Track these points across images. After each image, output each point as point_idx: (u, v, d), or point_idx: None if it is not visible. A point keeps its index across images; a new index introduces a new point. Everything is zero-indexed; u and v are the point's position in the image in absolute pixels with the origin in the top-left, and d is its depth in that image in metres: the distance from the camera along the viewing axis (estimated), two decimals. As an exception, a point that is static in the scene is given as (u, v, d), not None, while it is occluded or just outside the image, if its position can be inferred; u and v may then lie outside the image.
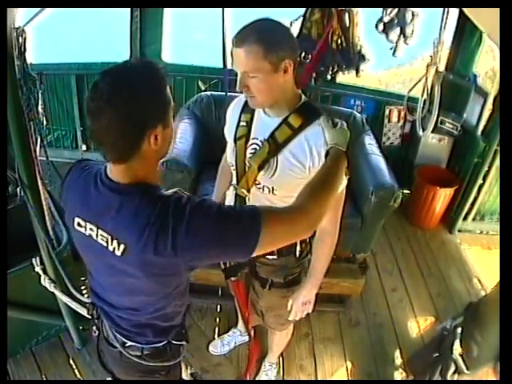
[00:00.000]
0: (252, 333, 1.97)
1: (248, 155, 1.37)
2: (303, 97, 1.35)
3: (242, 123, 1.39)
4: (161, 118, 0.94)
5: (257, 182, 1.37)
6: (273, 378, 2.20)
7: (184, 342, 1.29)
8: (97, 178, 1.03)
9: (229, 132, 1.45)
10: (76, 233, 1.07)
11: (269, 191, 1.37)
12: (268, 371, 2.20)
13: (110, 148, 0.96)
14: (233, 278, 1.61)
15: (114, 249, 0.98)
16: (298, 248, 1.51)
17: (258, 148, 1.34)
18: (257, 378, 2.20)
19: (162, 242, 0.92)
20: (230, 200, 1.52)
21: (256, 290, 1.69)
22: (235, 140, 1.40)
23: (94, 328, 1.29)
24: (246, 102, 1.37)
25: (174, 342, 1.25)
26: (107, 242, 0.99)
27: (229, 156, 1.48)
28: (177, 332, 1.24)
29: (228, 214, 0.96)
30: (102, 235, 1.00)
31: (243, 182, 1.40)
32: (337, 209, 1.38)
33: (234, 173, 1.44)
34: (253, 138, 1.36)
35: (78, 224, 1.05)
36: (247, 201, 1.43)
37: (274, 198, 1.38)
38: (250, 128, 1.37)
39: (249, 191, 1.40)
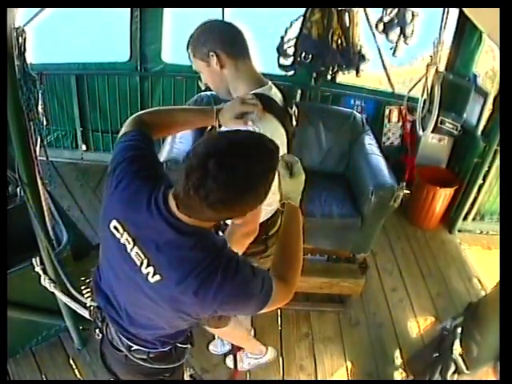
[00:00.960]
0: None
1: None
2: (265, 84, 1.37)
3: None
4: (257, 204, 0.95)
5: None
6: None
7: (189, 345, 1.30)
8: (152, 200, 0.97)
9: None
10: (107, 233, 1.05)
11: None
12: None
13: (197, 208, 0.90)
14: None
15: (148, 274, 0.97)
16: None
17: None
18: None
19: (203, 291, 0.94)
20: None
21: None
22: None
23: (98, 331, 1.28)
24: None
25: (180, 345, 1.25)
26: (142, 263, 0.98)
27: None
28: (184, 337, 1.25)
29: (257, 281, 1.00)
30: (137, 253, 0.99)
31: None
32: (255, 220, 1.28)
33: None
34: None
35: (115, 227, 1.03)
36: None
37: None
38: None
39: None
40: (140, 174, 1.04)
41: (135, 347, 1.19)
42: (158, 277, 0.96)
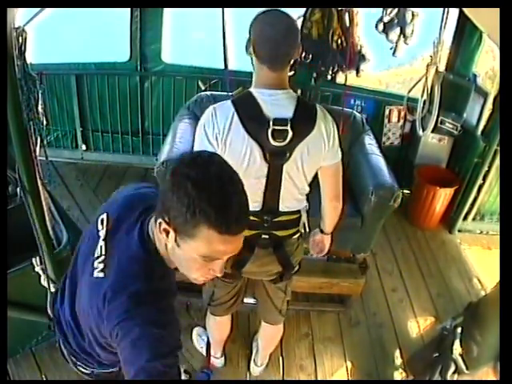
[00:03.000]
0: None
1: None
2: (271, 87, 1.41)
3: None
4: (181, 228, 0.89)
5: None
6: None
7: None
8: (136, 218, 1.05)
9: None
10: (92, 226, 1.10)
11: None
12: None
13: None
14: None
15: (96, 268, 1.00)
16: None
17: None
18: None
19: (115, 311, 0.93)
20: None
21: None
22: None
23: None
24: None
25: None
26: (99, 256, 1.02)
27: None
28: None
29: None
30: (101, 247, 1.03)
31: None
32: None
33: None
34: None
35: (101, 221, 1.07)
36: None
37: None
38: None
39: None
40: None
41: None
42: (101, 274, 0.99)
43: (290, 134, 1.36)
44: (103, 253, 1.01)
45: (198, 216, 0.83)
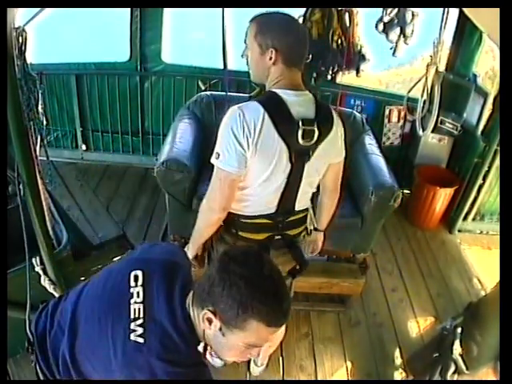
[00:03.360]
0: None
1: None
2: (295, 88, 1.40)
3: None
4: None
5: None
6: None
7: None
8: (182, 287, 1.06)
9: None
10: (120, 277, 1.07)
11: None
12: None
13: None
14: None
15: (135, 331, 0.97)
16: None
17: None
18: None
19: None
20: None
21: None
22: None
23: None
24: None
25: None
26: (136, 318, 0.99)
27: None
28: None
29: None
30: (139, 309, 1.00)
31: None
32: (212, 183, 1.43)
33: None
34: None
35: (135, 277, 1.05)
36: None
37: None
38: None
39: None
40: None
41: None
42: (141, 339, 0.96)
43: (317, 133, 1.39)
44: (141, 315, 0.99)
45: (250, 312, 0.90)
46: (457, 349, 1.87)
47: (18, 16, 1.49)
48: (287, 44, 1.35)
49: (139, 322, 0.99)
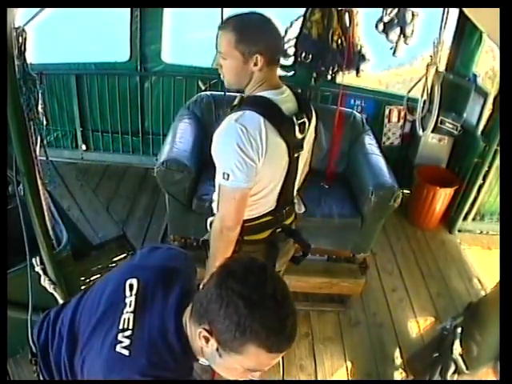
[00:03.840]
0: None
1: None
2: (277, 86, 1.41)
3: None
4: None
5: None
6: None
7: None
8: (173, 303, 0.98)
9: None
10: (116, 286, 1.02)
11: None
12: None
13: None
14: None
15: (121, 342, 0.91)
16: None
17: None
18: None
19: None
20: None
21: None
22: None
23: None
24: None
25: None
26: (124, 329, 0.93)
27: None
28: None
29: None
30: (129, 319, 0.94)
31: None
32: (221, 202, 1.41)
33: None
34: None
35: (130, 286, 0.99)
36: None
37: None
38: None
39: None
40: None
41: None
42: (126, 351, 0.90)
43: (307, 124, 1.43)
44: (130, 327, 0.93)
45: (248, 336, 0.81)
46: (457, 349, 1.87)
47: (18, 16, 1.48)
48: (270, 45, 1.34)
49: (127, 333, 0.92)
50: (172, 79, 3.42)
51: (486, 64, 4.42)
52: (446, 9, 2.73)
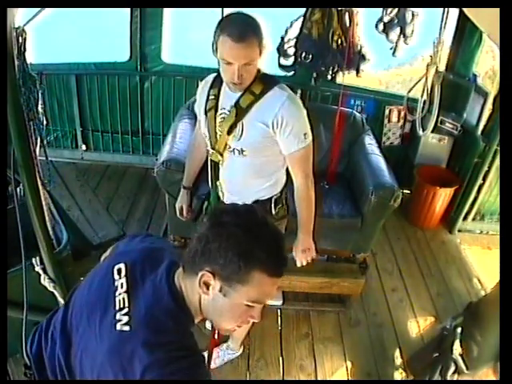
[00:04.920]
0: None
1: (218, 123, 1.58)
2: (261, 70, 1.52)
3: (210, 97, 1.61)
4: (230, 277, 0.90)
5: (228, 146, 1.58)
6: (225, 359, 2.23)
7: None
8: (171, 270, 1.00)
9: (199, 107, 1.68)
10: (104, 274, 1.03)
11: (239, 153, 1.58)
12: (225, 352, 2.23)
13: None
14: None
15: (119, 321, 0.92)
16: (273, 207, 1.70)
17: (225, 116, 1.56)
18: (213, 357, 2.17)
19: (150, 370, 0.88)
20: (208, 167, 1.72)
21: None
22: (206, 112, 1.62)
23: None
24: (214, 80, 1.65)
25: None
26: (121, 308, 0.95)
27: (202, 128, 1.69)
28: None
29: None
30: (123, 299, 0.96)
31: (216, 148, 1.62)
32: (305, 162, 1.60)
33: (208, 142, 1.65)
34: (221, 109, 1.58)
35: (118, 270, 1.01)
36: (221, 165, 1.65)
37: (244, 161, 1.58)
38: (218, 100, 1.59)
39: (222, 156, 1.62)
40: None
41: None
42: (126, 327, 0.91)
43: None
44: (126, 305, 0.95)
45: (252, 262, 0.86)
46: (457, 349, 1.87)
47: (18, 16, 1.48)
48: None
49: (124, 311, 0.95)
50: (172, 79, 3.42)
51: (486, 64, 4.42)
52: (446, 9, 2.73)
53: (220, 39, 1.38)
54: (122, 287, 0.99)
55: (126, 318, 0.93)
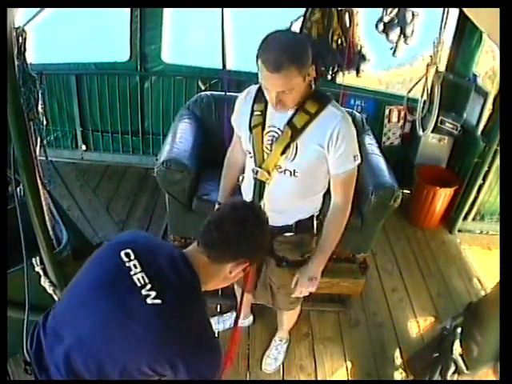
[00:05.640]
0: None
1: (266, 142, 1.49)
2: (313, 86, 1.46)
3: (256, 113, 1.50)
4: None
5: (278, 166, 1.50)
6: (283, 353, 2.28)
7: None
8: (174, 254, 1.12)
9: (241, 121, 1.56)
10: (109, 260, 1.10)
11: (290, 174, 1.50)
12: (278, 346, 2.28)
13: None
14: None
15: (148, 296, 1.01)
16: (314, 225, 1.64)
17: (276, 135, 1.47)
18: (267, 353, 2.27)
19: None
20: (248, 186, 1.62)
21: (270, 268, 1.77)
22: (250, 128, 1.51)
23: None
24: (257, 93, 1.51)
25: None
26: (144, 285, 1.02)
27: (245, 144, 1.58)
28: None
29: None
30: (142, 277, 1.03)
31: (263, 166, 1.51)
32: (348, 185, 1.56)
33: (252, 159, 1.55)
34: (269, 126, 1.48)
35: (126, 254, 1.07)
36: (267, 185, 1.55)
37: (294, 181, 1.52)
38: (265, 117, 1.48)
39: (270, 175, 1.52)
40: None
41: None
42: (158, 301, 1.01)
43: None
44: (147, 281, 1.03)
45: None
46: (457, 349, 1.87)
47: (18, 16, 1.48)
48: (312, 51, 1.35)
49: (148, 287, 1.02)
50: (172, 79, 3.42)
51: (486, 64, 4.41)
52: (446, 9, 2.73)
53: (259, 63, 1.30)
54: (136, 267, 1.05)
55: (153, 293, 1.01)
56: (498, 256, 1.50)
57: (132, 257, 1.06)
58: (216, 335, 2.31)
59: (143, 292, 1.01)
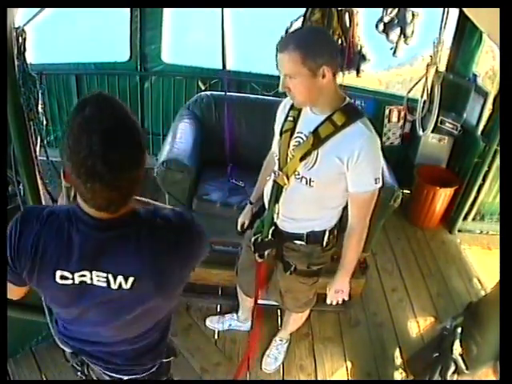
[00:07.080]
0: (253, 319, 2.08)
1: (291, 147, 1.51)
2: (347, 98, 1.45)
3: (289, 118, 1.53)
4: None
5: (296, 173, 1.51)
6: (283, 352, 2.28)
7: (173, 358, 1.31)
8: (73, 222, 0.95)
9: (277, 126, 1.61)
10: (57, 287, 0.98)
11: (306, 182, 1.50)
12: (278, 345, 2.29)
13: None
14: (259, 259, 1.75)
15: (120, 284, 0.97)
16: (326, 239, 1.64)
17: (301, 141, 1.48)
18: (267, 353, 2.27)
19: (173, 264, 1.00)
20: (268, 187, 1.65)
21: (279, 272, 1.81)
22: (281, 133, 1.55)
23: (80, 374, 1.27)
24: None
25: (165, 360, 1.27)
26: (107, 281, 0.97)
27: (274, 147, 1.65)
28: (167, 349, 1.26)
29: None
30: (98, 276, 0.97)
31: (284, 170, 1.54)
32: (365, 208, 1.53)
33: (277, 162, 1.58)
34: (298, 132, 1.50)
35: (62, 277, 0.97)
36: (284, 190, 1.56)
37: (309, 191, 1.51)
38: (296, 123, 1.51)
39: (288, 180, 1.54)
40: None
41: (126, 378, 1.19)
42: (131, 279, 0.97)
43: None
44: (103, 275, 1.00)
45: None
46: (457, 349, 1.87)
47: (18, 16, 1.48)
48: (333, 55, 1.35)
49: (111, 279, 0.98)
50: (172, 79, 3.42)
51: (486, 64, 4.42)
52: (446, 9, 2.73)
53: None
54: (84, 276, 1.00)
55: (120, 278, 0.98)
56: (498, 256, 1.50)
57: (68, 275, 0.98)
58: (216, 335, 2.31)
59: (113, 286, 0.98)
